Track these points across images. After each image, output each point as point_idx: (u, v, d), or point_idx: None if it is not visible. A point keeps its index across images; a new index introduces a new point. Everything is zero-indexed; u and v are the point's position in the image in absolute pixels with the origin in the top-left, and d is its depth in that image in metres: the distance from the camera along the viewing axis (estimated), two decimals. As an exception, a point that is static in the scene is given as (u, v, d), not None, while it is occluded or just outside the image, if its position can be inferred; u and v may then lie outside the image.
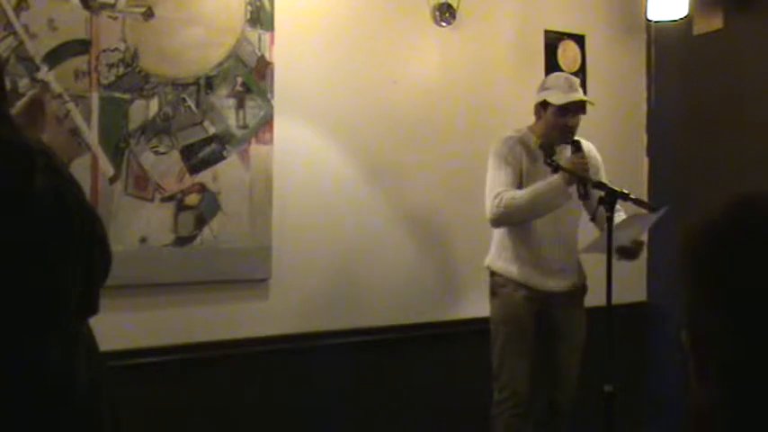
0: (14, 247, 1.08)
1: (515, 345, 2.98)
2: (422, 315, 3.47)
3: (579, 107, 2.97)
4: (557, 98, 2.93)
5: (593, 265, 3.06)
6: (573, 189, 2.86)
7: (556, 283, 3.02)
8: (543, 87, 3.01)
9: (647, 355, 3.92)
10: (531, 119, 3.14)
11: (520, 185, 2.93)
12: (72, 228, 1.13)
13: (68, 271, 1.13)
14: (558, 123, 2.95)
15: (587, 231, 3.09)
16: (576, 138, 2.95)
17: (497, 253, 3.07)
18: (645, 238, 3.02)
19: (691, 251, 0.78)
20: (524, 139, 3.01)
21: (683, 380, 0.80)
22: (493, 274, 3.08)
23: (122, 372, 2.72)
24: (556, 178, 2.82)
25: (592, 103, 3.02)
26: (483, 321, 3.12)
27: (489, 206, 2.90)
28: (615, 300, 2.82)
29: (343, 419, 3.26)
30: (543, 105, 2.98)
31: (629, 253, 2.97)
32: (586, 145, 3.04)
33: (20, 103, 1.34)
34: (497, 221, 2.92)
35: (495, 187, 2.90)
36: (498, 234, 3.06)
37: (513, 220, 2.92)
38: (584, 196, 2.87)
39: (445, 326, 3.48)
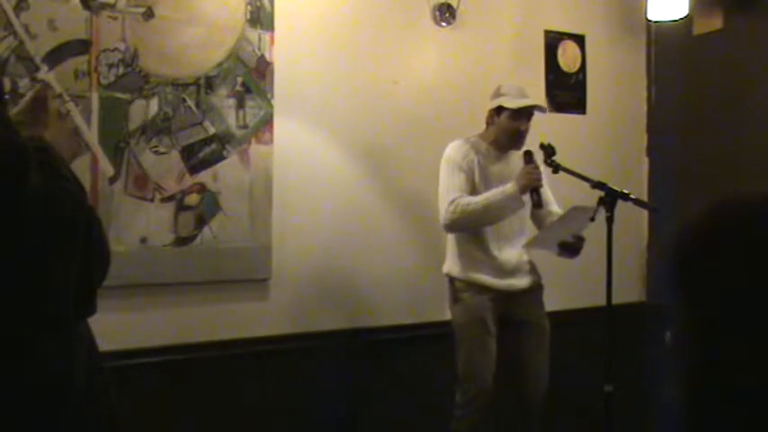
0: (6, 246, 1.07)
1: (480, 347, 3.03)
2: (422, 315, 3.47)
3: (530, 113, 3.06)
4: (511, 103, 3.03)
5: (593, 266, 3.06)
6: (526, 197, 2.93)
7: (515, 282, 3.08)
8: (497, 94, 3.09)
9: (647, 355, 3.92)
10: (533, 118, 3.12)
11: (473, 192, 3.00)
12: (67, 227, 1.12)
13: (63, 270, 1.13)
14: (511, 127, 3.03)
15: (593, 233, 3.08)
16: (527, 148, 3.01)
17: (454, 259, 3.11)
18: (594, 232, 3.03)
19: (674, 251, 0.81)
20: (476, 145, 3.09)
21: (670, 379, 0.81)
22: (452, 280, 3.12)
23: (122, 372, 2.73)
24: (510, 188, 2.90)
25: (544, 109, 3.12)
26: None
27: (443, 212, 2.96)
28: (615, 300, 2.83)
29: (342, 419, 3.26)
30: (497, 111, 3.06)
31: (571, 249, 3.00)
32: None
33: (22, 102, 1.33)
34: (451, 227, 3.00)
35: (450, 193, 2.96)
36: (452, 240, 3.11)
37: (467, 226, 2.99)
38: (536, 205, 2.94)
39: (445, 326, 3.47)
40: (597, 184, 2.84)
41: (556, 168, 2.95)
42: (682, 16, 3.73)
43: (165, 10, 2.89)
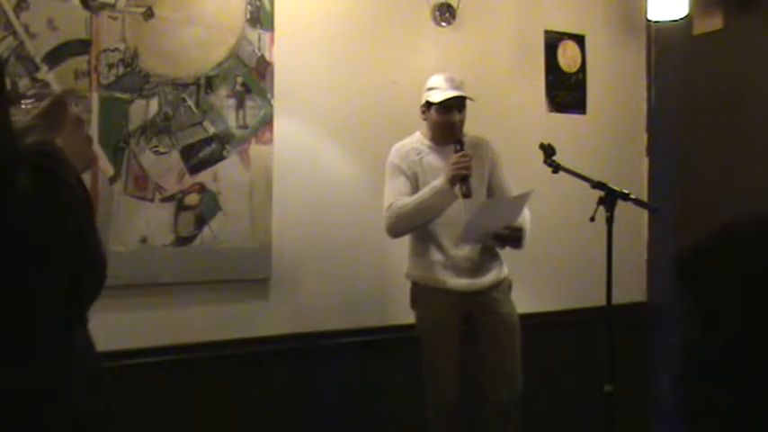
0: None
1: (442, 351, 2.98)
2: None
3: (460, 104, 2.98)
4: (436, 97, 2.95)
5: (593, 266, 3.06)
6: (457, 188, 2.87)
7: (475, 281, 3.01)
8: (426, 88, 3.02)
9: (647, 355, 3.92)
10: (530, 117, 3.12)
11: (417, 191, 2.94)
12: (55, 236, 1.09)
13: (49, 279, 1.10)
14: (442, 121, 2.97)
15: (582, 231, 3.08)
16: (461, 137, 2.94)
17: (412, 261, 3.08)
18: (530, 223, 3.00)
19: (681, 271, 0.84)
20: (416, 145, 3.04)
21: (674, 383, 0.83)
22: (412, 283, 3.08)
23: (122, 372, 2.72)
24: (438, 181, 2.85)
25: (471, 99, 2.99)
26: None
27: (384, 217, 2.94)
28: (615, 300, 2.82)
29: (343, 419, 3.26)
30: (428, 106, 3.00)
31: (508, 240, 2.95)
32: (474, 140, 3.03)
33: (41, 105, 1.30)
34: (392, 231, 2.95)
35: (388, 198, 2.95)
36: (410, 242, 3.07)
37: (406, 228, 2.95)
38: (465, 195, 2.87)
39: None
40: (597, 184, 2.83)
41: (556, 168, 2.93)
42: (682, 16, 3.73)
43: (165, 10, 2.89)
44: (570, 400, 3.48)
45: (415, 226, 2.95)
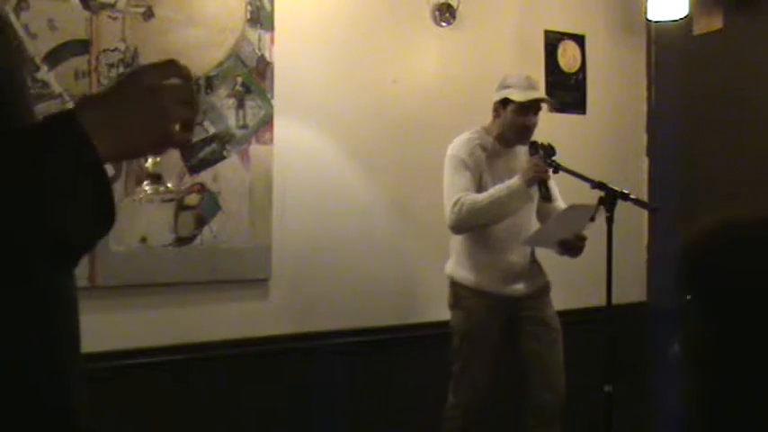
0: None
1: (479, 358, 2.95)
2: (422, 315, 3.46)
3: (538, 107, 2.95)
4: (518, 96, 2.89)
5: (593, 266, 3.06)
6: (534, 191, 2.85)
7: (521, 287, 3.00)
8: (504, 86, 2.96)
9: (647, 355, 3.92)
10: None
11: (479, 189, 2.90)
12: None
13: None
14: (518, 122, 2.92)
15: (593, 233, 3.08)
16: (533, 139, 2.92)
17: (458, 261, 3.02)
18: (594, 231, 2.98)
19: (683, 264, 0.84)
20: (482, 140, 2.98)
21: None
22: (454, 283, 3.03)
23: (122, 372, 2.73)
24: (515, 181, 2.80)
25: (551, 103, 2.97)
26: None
27: (448, 212, 2.86)
28: (615, 300, 2.82)
29: (343, 420, 3.25)
30: (503, 104, 2.94)
31: (572, 248, 2.93)
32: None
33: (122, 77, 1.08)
34: (458, 228, 2.89)
35: (455, 192, 2.87)
36: (456, 240, 3.01)
37: (474, 225, 2.88)
38: (545, 198, 2.86)
39: (445, 326, 3.47)
40: (597, 184, 2.83)
41: (556, 168, 2.93)
42: (682, 16, 3.73)
43: (165, 10, 2.89)
44: (570, 400, 3.47)
45: (483, 224, 2.88)
